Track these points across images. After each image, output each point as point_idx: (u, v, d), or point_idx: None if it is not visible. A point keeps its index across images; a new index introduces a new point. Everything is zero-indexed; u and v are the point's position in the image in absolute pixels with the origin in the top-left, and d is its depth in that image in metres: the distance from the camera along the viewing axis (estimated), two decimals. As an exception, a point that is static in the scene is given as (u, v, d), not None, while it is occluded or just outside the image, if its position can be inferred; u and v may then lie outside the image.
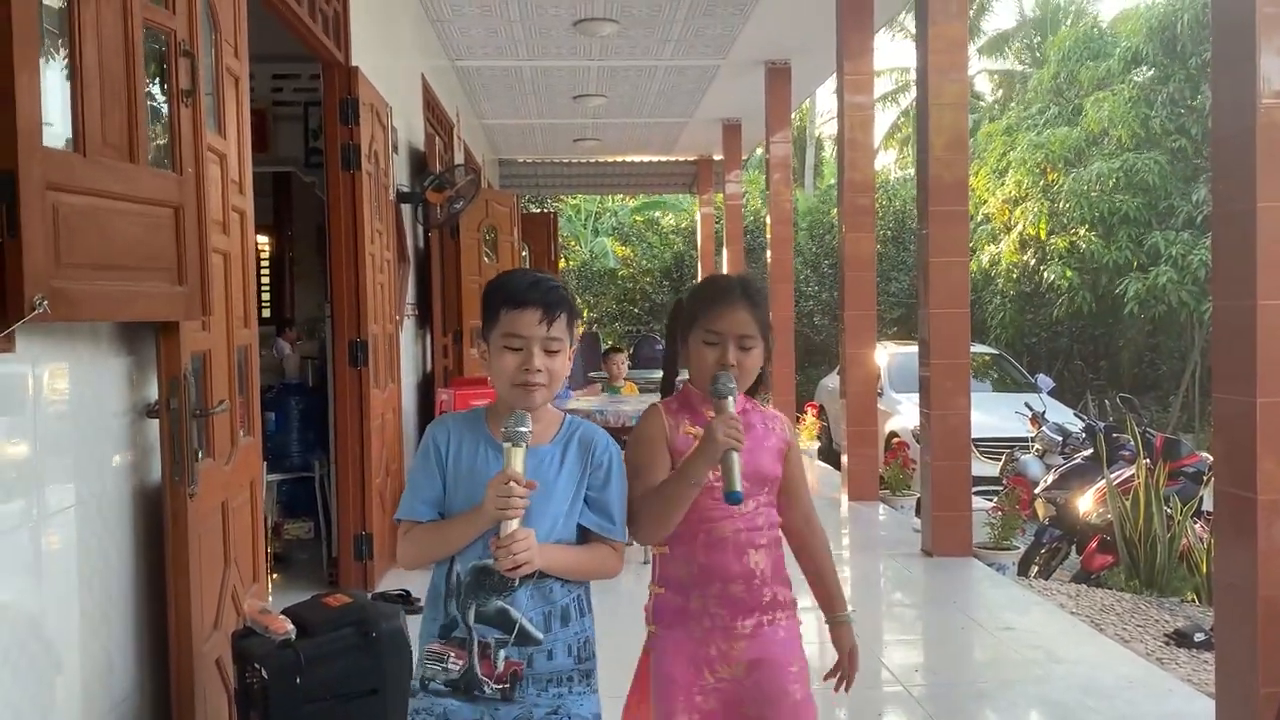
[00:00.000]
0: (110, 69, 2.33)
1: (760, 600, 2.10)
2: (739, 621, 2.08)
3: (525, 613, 1.92)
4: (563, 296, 1.97)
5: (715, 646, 2.08)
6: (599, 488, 2.00)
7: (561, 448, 2.01)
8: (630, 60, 9.80)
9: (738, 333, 2.07)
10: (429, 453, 1.99)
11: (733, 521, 2.08)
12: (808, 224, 18.69)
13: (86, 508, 2.50)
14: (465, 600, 1.92)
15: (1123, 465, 6.92)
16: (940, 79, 6.08)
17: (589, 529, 2.00)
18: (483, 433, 2.00)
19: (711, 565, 2.09)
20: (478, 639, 1.91)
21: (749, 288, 2.13)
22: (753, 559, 2.09)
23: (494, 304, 1.97)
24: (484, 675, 1.91)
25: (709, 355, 2.08)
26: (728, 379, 2.02)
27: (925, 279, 6.16)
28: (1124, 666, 4.20)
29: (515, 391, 1.94)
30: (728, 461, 1.93)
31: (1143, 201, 13.75)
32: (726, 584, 2.08)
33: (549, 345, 1.94)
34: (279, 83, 7.60)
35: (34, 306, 2.06)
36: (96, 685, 2.52)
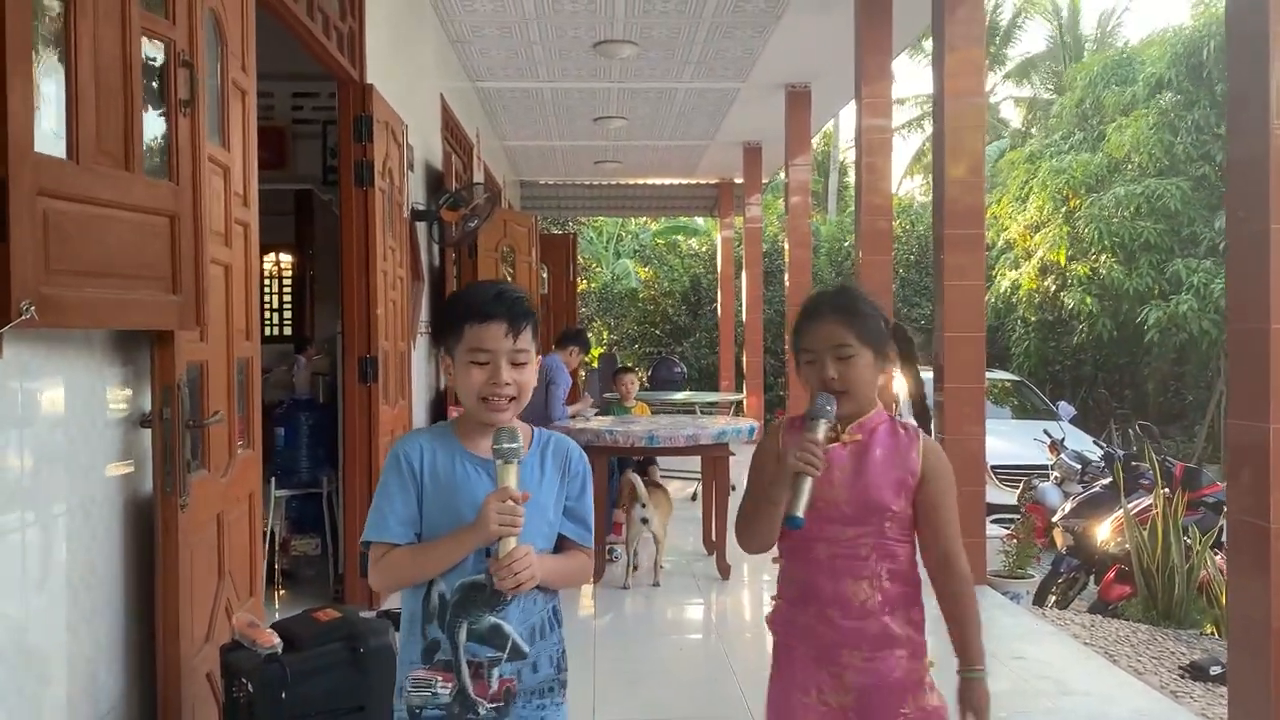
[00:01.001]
0: (107, 77, 2.34)
1: (866, 634, 2.00)
2: (845, 651, 2.01)
3: (516, 627, 1.90)
4: (527, 308, 1.94)
5: (826, 668, 2.02)
6: (576, 496, 2.00)
7: (539, 458, 1.99)
8: (650, 82, 9.82)
9: (831, 344, 1.99)
10: (401, 470, 1.91)
11: (829, 546, 2.01)
12: (828, 249, 18.64)
13: (75, 517, 2.48)
14: (453, 620, 1.88)
15: (1142, 494, 6.81)
16: (957, 103, 6.04)
17: (567, 537, 1.99)
18: (457, 448, 1.95)
19: (809, 585, 2.04)
20: (467, 659, 1.87)
21: (839, 296, 2.06)
22: (850, 588, 2.00)
23: (457, 318, 1.93)
24: (478, 696, 1.88)
25: (811, 374, 2.02)
26: (822, 401, 1.95)
27: (941, 304, 6.10)
28: (1136, 699, 4.11)
29: (483, 406, 1.91)
30: (796, 485, 1.89)
31: (1165, 228, 13.60)
32: (823, 607, 2.02)
33: (516, 358, 1.91)
34: (299, 101, 7.67)
35: (21, 312, 2.05)
36: (81, 696, 2.50)
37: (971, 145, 6.06)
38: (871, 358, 2.01)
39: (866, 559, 2.00)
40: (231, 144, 3.28)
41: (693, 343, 19.13)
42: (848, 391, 1.99)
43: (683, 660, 4.69)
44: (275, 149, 7.83)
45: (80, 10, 2.24)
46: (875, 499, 2.00)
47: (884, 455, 2.03)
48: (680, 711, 3.95)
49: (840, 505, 2.00)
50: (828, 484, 1.98)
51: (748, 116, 11.13)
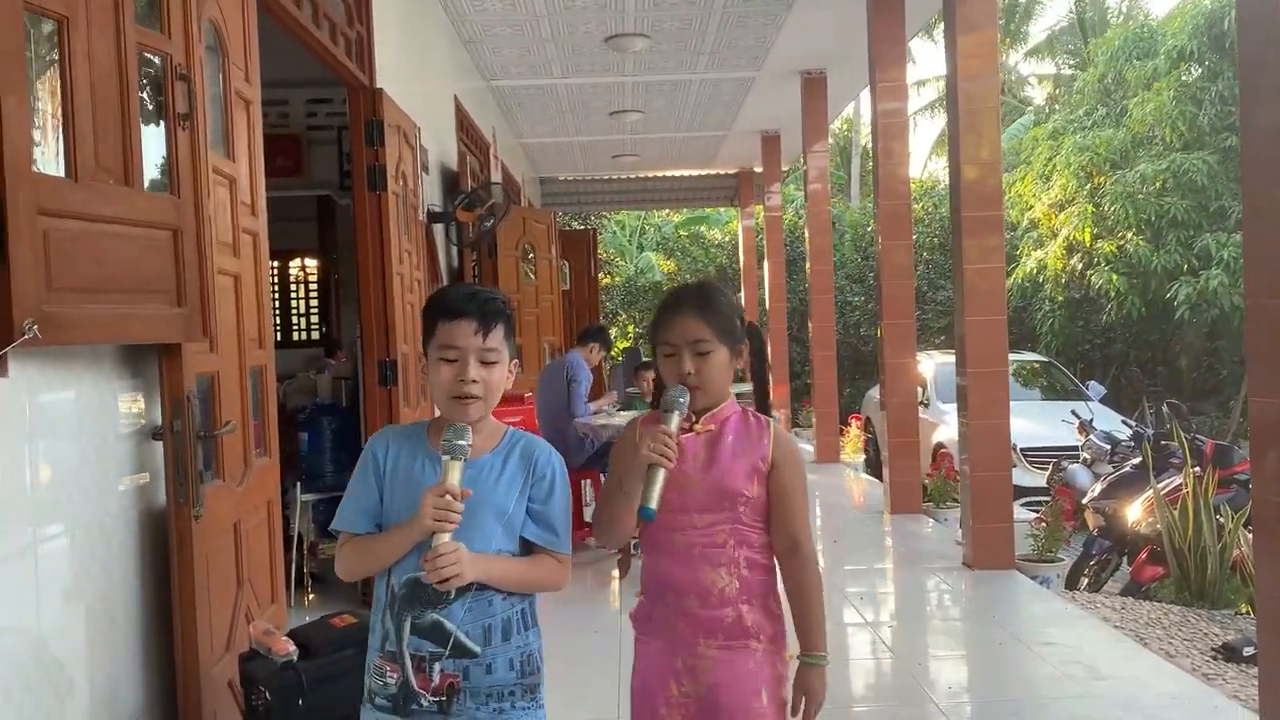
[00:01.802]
0: (103, 93, 2.35)
1: (722, 621, 2.04)
2: (701, 639, 2.04)
3: (461, 626, 1.92)
4: (499, 308, 1.97)
5: (681, 660, 2.06)
6: (542, 500, 2.00)
7: (502, 458, 2.00)
8: (664, 74, 9.79)
9: (689, 339, 2.04)
10: (366, 464, 2.00)
11: (685, 534, 2.05)
12: (852, 236, 18.51)
13: (90, 530, 2.51)
14: (400, 613, 1.93)
15: (1173, 473, 6.72)
16: (971, 85, 5.98)
17: (533, 541, 2.00)
18: (422, 445, 2.00)
19: (668, 575, 2.08)
20: (410, 653, 1.91)
21: (701, 293, 2.12)
22: (708, 575, 2.04)
23: (430, 317, 1.97)
24: (420, 688, 1.91)
25: (669, 367, 2.08)
26: (678, 394, 2.01)
27: (961, 287, 6.04)
28: (1167, 683, 4.05)
29: (452, 404, 1.94)
30: (649, 476, 1.93)
31: (1192, 203, 13.39)
32: (681, 596, 2.06)
33: (485, 356, 1.93)
34: (313, 107, 7.72)
35: (23, 331, 2.07)
36: (102, 709, 2.53)
37: (987, 127, 6.00)
38: (727, 354, 2.08)
39: (723, 546, 2.05)
40: (237, 154, 3.29)
41: (718, 334, 19.06)
42: (702, 386, 2.05)
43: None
44: (292, 156, 7.88)
45: (74, 27, 2.25)
46: (728, 485, 2.05)
47: (735, 442, 2.08)
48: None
49: (695, 493, 2.05)
50: (682, 473, 2.03)
51: (764, 105, 11.08)
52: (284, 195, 7.39)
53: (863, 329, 17.39)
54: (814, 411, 11.07)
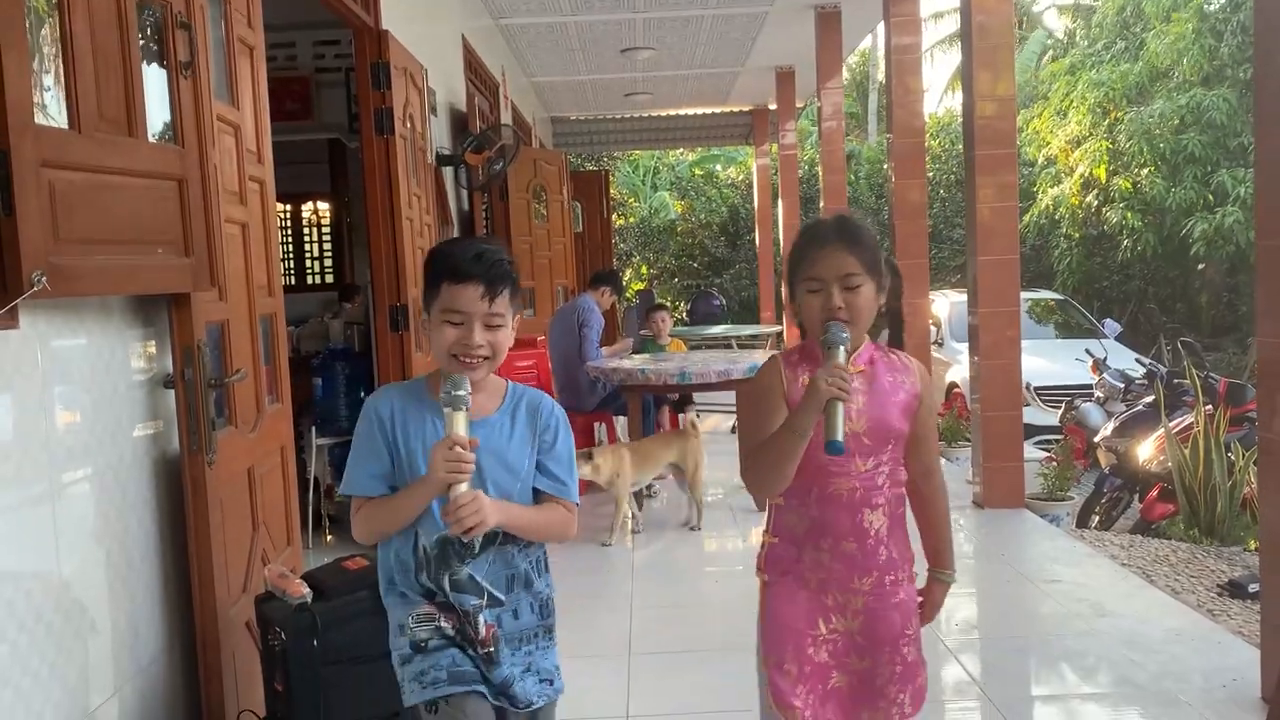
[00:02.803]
0: (103, 44, 2.35)
1: (877, 560, 2.02)
2: (856, 578, 2.02)
3: (487, 578, 1.97)
4: (506, 271, 1.93)
5: (832, 597, 2.04)
6: (548, 450, 2.02)
7: (509, 415, 2.01)
8: (676, 10, 9.63)
9: (838, 273, 1.96)
10: (371, 425, 1.96)
11: (849, 479, 2.00)
12: (868, 173, 18.33)
13: (105, 478, 2.56)
14: (437, 573, 1.95)
15: (1186, 412, 6.72)
16: (986, 19, 5.88)
17: (543, 491, 2.02)
18: (427, 402, 1.98)
19: (825, 520, 2.02)
20: (459, 607, 1.95)
21: (844, 226, 2.03)
22: (868, 518, 2.01)
23: (435, 276, 1.93)
24: (473, 638, 1.97)
25: (815, 303, 1.98)
26: (838, 329, 1.92)
27: (973, 226, 6.00)
28: (1172, 618, 4.10)
29: (454, 363, 1.92)
30: (830, 411, 1.86)
31: (1210, 139, 13.18)
32: (839, 540, 2.02)
33: (491, 321, 1.92)
34: (321, 49, 7.67)
35: (32, 283, 2.09)
36: (123, 650, 2.60)
37: (1003, 63, 5.91)
38: (874, 288, 2.00)
39: (881, 488, 2.02)
40: (241, 101, 3.29)
41: (732, 274, 19.01)
42: (853, 321, 1.97)
43: (719, 593, 4.75)
44: (301, 99, 7.86)
45: (72, -23, 2.25)
46: (891, 424, 2.01)
47: (892, 381, 2.05)
48: (716, 642, 4.01)
49: (860, 436, 1.99)
50: (846, 417, 1.94)
51: (778, 40, 10.90)
52: (294, 139, 7.39)
53: (879, 268, 17.27)
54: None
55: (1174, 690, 3.41)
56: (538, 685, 2.04)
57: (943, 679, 3.69)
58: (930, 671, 3.67)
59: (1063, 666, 3.73)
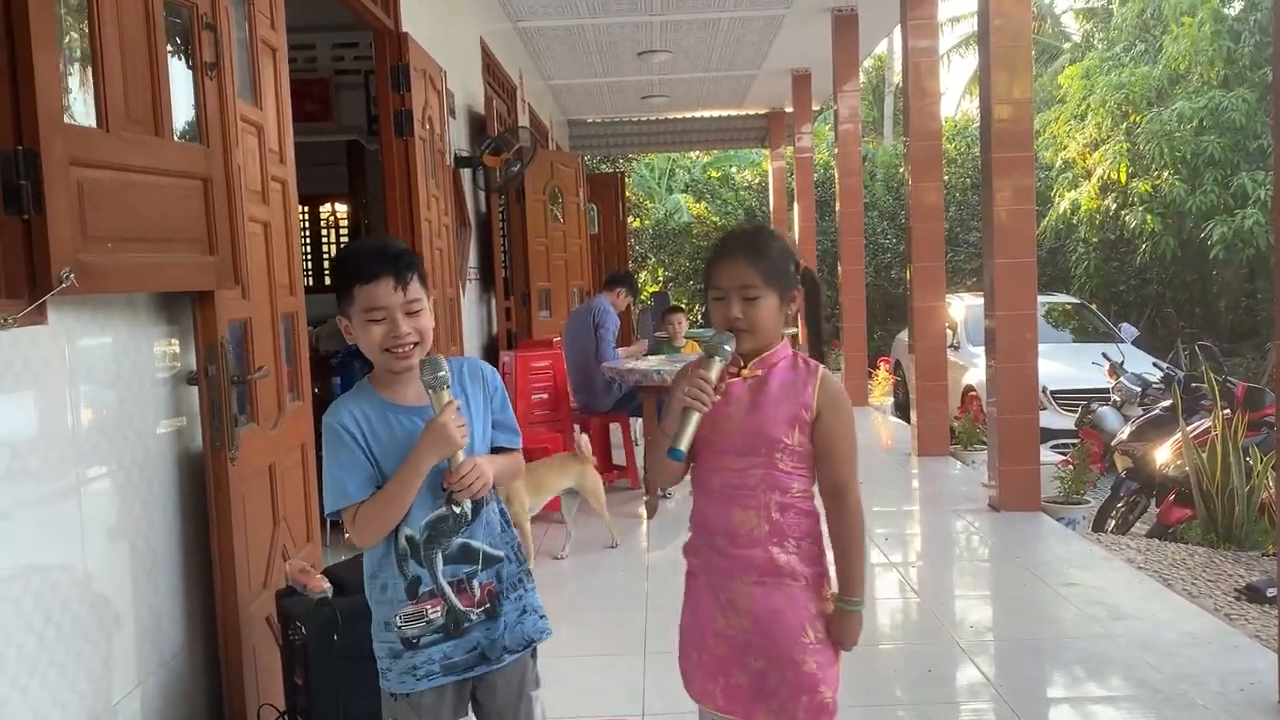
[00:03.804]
0: (131, 45, 2.38)
1: (752, 560, 2.07)
2: (737, 577, 2.08)
3: (482, 540, 2.11)
4: (410, 259, 2.04)
5: (723, 594, 2.10)
6: (500, 409, 2.19)
7: (460, 387, 2.13)
8: (692, 13, 9.66)
9: (738, 284, 2.04)
10: (343, 439, 2.02)
11: (720, 475, 2.09)
12: (884, 175, 18.29)
13: (130, 473, 2.59)
14: (428, 554, 2.06)
15: (1204, 416, 6.69)
16: (1003, 22, 5.88)
17: (501, 445, 2.19)
18: (382, 404, 2.07)
19: (704, 515, 2.14)
20: (448, 581, 2.07)
21: (751, 238, 2.10)
22: (738, 517, 2.07)
23: (345, 281, 2.02)
24: (466, 607, 2.08)
25: (718, 311, 2.07)
26: (723, 340, 2.02)
27: (990, 229, 6.00)
28: (1189, 623, 4.09)
29: (388, 357, 2.02)
30: (684, 418, 1.99)
31: (1229, 142, 13.11)
32: (712, 536, 2.11)
33: (409, 308, 2.02)
34: (340, 51, 7.72)
35: (61, 280, 2.13)
36: (147, 644, 2.63)
37: (1020, 66, 5.91)
38: (776, 300, 2.07)
39: (755, 489, 2.07)
40: (264, 102, 3.32)
41: (749, 276, 18.97)
42: (751, 330, 2.04)
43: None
44: (320, 100, 7.92)
45: (101, -21, 2.28)
46: (766, 431, 2.06)
47: (779, 389, 2.09)
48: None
49: (734, 437, 2.07)
50: (725, 416, 2.06)
51: (794, 43, 10.92)
52: (313, 140, 7.43)
53: (894, 271, 17.28)
54: (843, 355, 11.06)
55: (1190, 694, 3.41)
56: (539, 620, 2.18)
57: (957, 680, 3.70)
58: (945, 672, 3.72)
59: (1078, 669, 3.73)
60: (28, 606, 2.16)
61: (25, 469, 2.19)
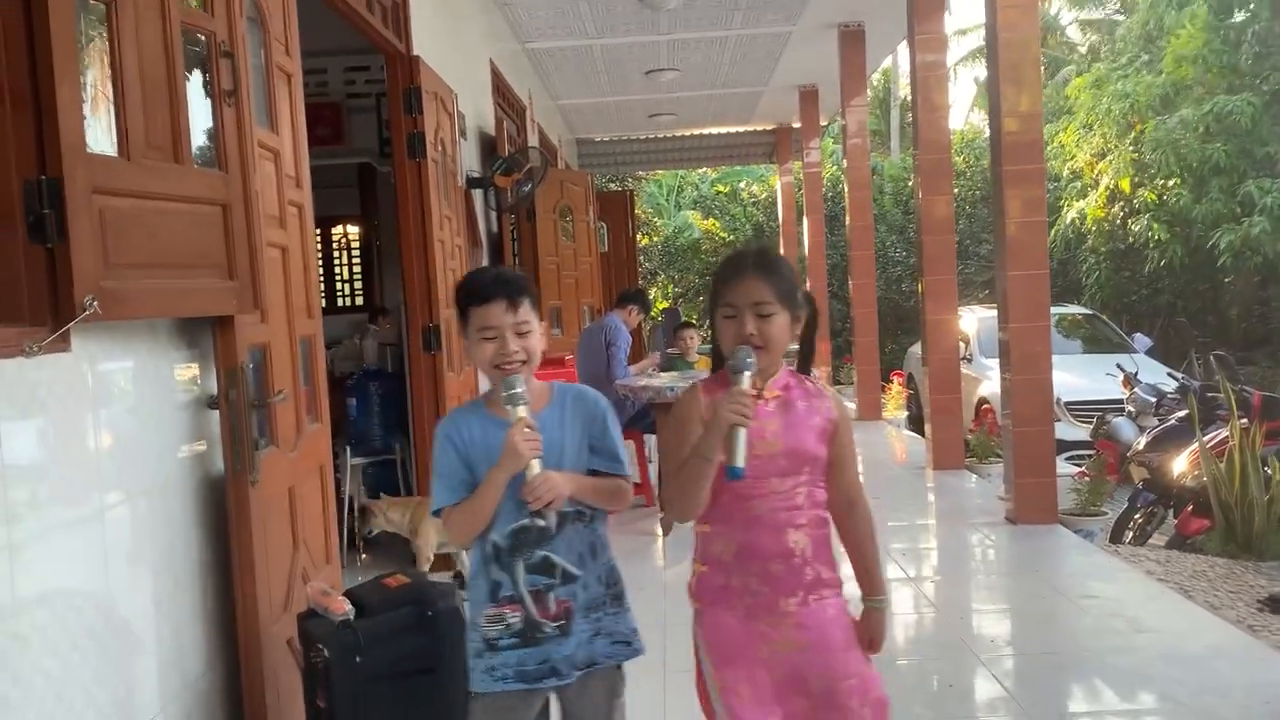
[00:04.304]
0: (151, 73, 2.41)
1: (802, 579, 2.07)
2: (782, 599, 2.07)
3: (564, 557, 2.20)
4: (523, 285, 2.22)
5: (763, 621, 2.07)
6: (600, 435, 2.27)
7: (559, 410, 2.26)
8: (699, 32, 9.71)
9: (752, 301, 2.05)
10: (446, 446, 2.22)
11: (768, 500, 2.06)
12: (893, 189, 18.31)
13: (151, 498, 2.60)
14: (509, 561, 2.19)
15: (1221, 425, 6.66)
16: (1011, 35, 5.90)
17: (600, 470, 2.26)
18: (485, 416, 2.24)
19: (750, 543, 2.08)
20: (528, 589, 2.18)
21: (763, 256, 2.13)
22: (791, 538, 2.06)
23: (463, 304, 2.22)
24: (541, 618, 2.18)
25: (729, 329, 2.07)
26: (745, 354, 2.00)
27: (1002, 241, 6.00)
28: (1211, 634, 4.07)
29: (498, 373, 2.19)
30: (731, 437, 1.93)
31: (1235, 148, 13.08)
32: (766, 562, 2.07)
33: (519, 329, 2.18)
34: (352, 75, 7.76)
35: (84, 307, 2.15)
36: (170, 667, 2.64)
37: (1029, 78, 5.92)
38: (787, 318, 2.09)
39: (802, 508, 2.09)
40: (280, 127, 3.35)
41: (758, 292, 19.01)
42: (765, 347, 2.05)
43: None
44: (332, 124, 7.96)
45: (121, 9, 2.31)
46: (806, 448, 2.09)
47: (806, 406, 2.12)
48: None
49: (776, 457, 2.06)
50: (760, 438, 2.03)
51: (801, 59, 10.96)
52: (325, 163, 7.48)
53: (904, 284, 17.27)
54: (855, 369, 11.04)
55: (1215, 706, 3.39)
56: (610, 645, 2.25)
57: (976, 695, 3.68)
58: (965, 686, 3.71)
59: (1100, 683, 3.71)
60: (53, 632, 2.17)
61: (50, 495, 2.20)
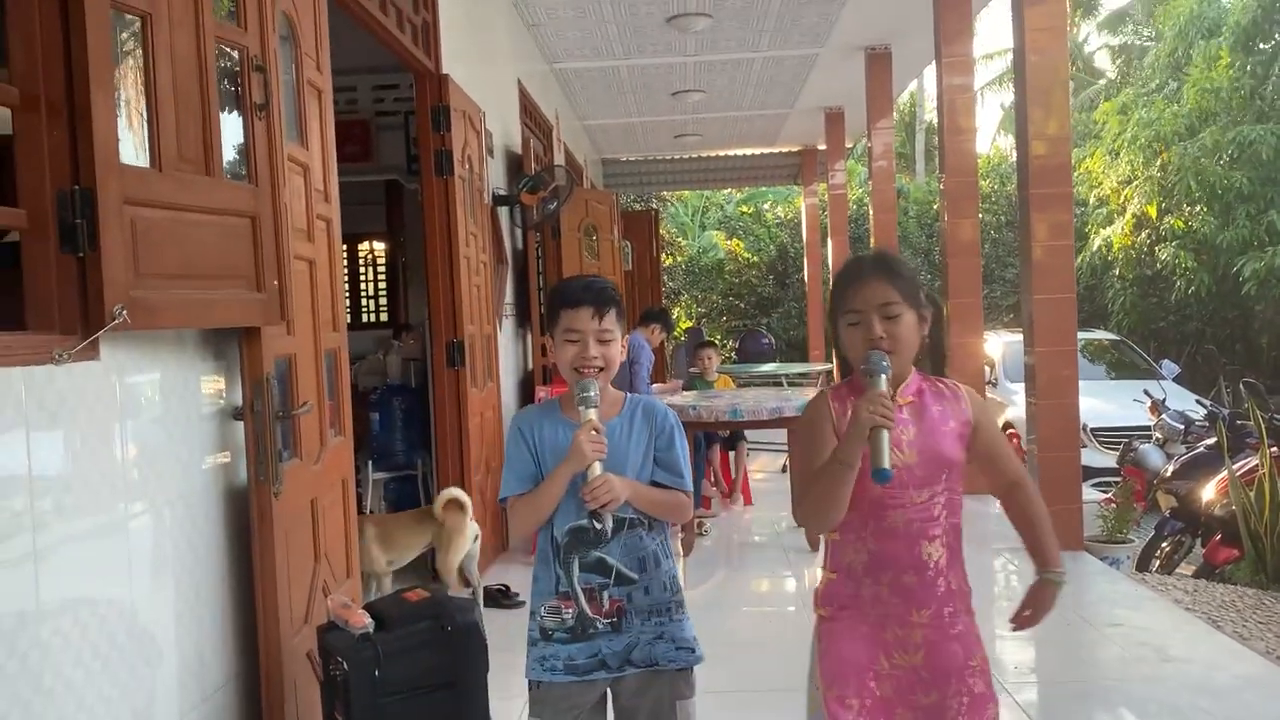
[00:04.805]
0: (184, 86, 2.44)
1: (935, 592, 2.04)
2: (914, 611, 2.04)
3: (619, 559, 2.27)
4: (611, 295, 2.31)
5: (891, 632, 2.05)
6: (664, 449, 2.33)
7: (628, 420, 2.33)
8: (726, 54, 9.75)
9: (877, 303, 2.00)
10: (518, 438, 2.33)
11: (904, 511, 2.02)
12: (917, 212, 18.27)
13: (175, 508, 2.61)
14: (568, 558, 2.26)
15: (1250, 454, 6.57)
16: (1040, 59, 5.88)
17: (662, 483, 2.32)
18: (559, 416, 2.33)
19: (883, 553, 2.05)
20: (581, 588, 2.25)
21: (882, 258, 2.12)
22: (925, 550, 2.03)
23: (554, 306, 2.33)
24: (594, 614, 2.25)
25: (857, 335, 2.03)
26: (878, 358, 1.96)
27: (1029, 265, 5.97)
28: (1241, 665, 4.00)
29: (576, 375, 2.28)
30: (875, 439, 1.88)
31: (1260, 176, 13.02)
32: (899, 573, 2.04)
33: (602, 336, 2.28)
34: (380, 93, 7.83)
35: (114, 316, 2.16)
36: (190, 677, 2.64)
37: (1057, 102, 5.90)
38: (915, 318, 2.04)
39: (938, 518, 2.04)
40: (310, 142, 3.38)
41: (781, 314, 18.99)
42: (895, 350, 2.00)
43: (773, 632, 4.71)
44: (360, 141, 8.01)
45: (156, 23, 2.34)
46: (944, 454, 2.04)
47: (940, 411, 2.07)
48: (771, 682, 3.96)
49: (912, 468, 2.01)
50: (896, 447, 1.97)
51: (828, 81, 10.97)
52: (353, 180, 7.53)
53: (928, 307, 17.17)
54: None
55: (1244, 738, 3.32)
56: (674, 650, 2.30)
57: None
58: (989, 714, 3.64)
59: (1126, 712, 3.65)
60: (76, 640, 2.18)
61: (75, 503, 2.21)
